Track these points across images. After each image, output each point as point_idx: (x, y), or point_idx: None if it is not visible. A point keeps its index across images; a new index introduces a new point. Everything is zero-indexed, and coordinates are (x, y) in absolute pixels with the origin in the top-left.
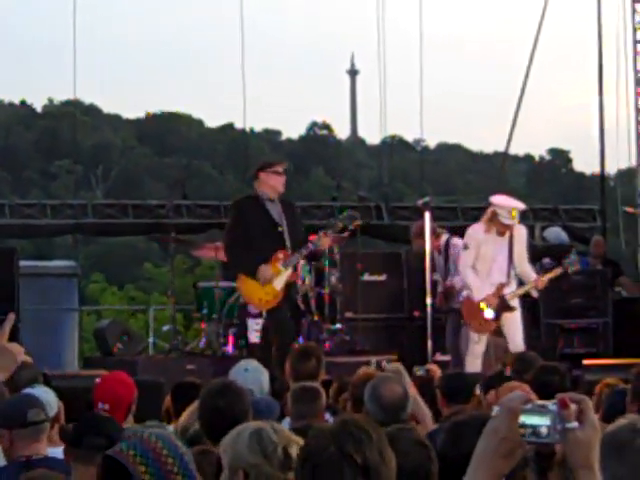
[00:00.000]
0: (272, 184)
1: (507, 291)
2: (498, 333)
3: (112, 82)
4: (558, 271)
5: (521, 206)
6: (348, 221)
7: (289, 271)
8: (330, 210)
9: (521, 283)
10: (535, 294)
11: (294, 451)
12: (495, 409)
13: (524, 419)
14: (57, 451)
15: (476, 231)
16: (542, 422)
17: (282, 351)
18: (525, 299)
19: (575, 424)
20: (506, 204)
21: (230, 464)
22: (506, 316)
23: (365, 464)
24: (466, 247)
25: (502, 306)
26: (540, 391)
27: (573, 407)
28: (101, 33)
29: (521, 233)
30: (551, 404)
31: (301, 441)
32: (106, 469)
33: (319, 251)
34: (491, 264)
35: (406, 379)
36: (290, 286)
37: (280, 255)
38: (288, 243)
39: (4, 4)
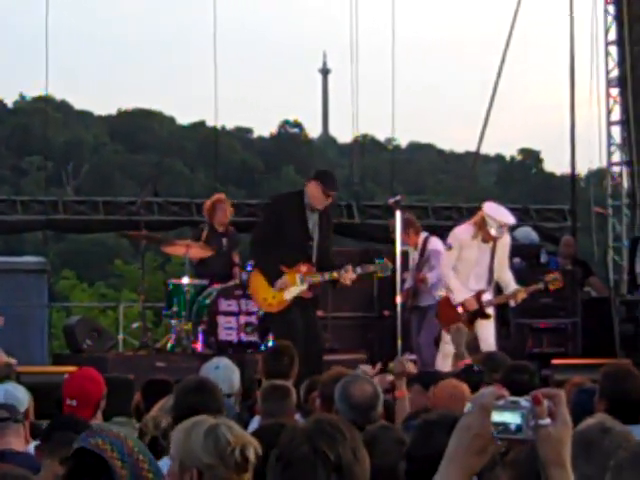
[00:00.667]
0: (315, 200)
1: (485, 298)
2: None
3: (84, 79)
4: (539, 287)
5: (511, 221)
6: (382, 270)
7: (304, 286)
8: None
9: (498, 289)
10: (512, 304)
11: (251, 452)
12: (467, 405)
13: (496, 415)
14: (29, 448)
15: (462, 233)
16: (514, 419)
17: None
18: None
19: (548, 420)
20: (497, 217)
21: (182, 461)
22: (480, 322)
23: (338, 462)
24: (450, 247)
25: (478, 313)
26: (509, 389)
27: (546, 403)
28: (74, 29)
29: (505, 241)
30: (524, 400)
31: (256, 442)
32: (80, 462)
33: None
34: (471, 269)
35: None
36: (303, 301)
37: (304, 268)
38: (314, 258)
39: None
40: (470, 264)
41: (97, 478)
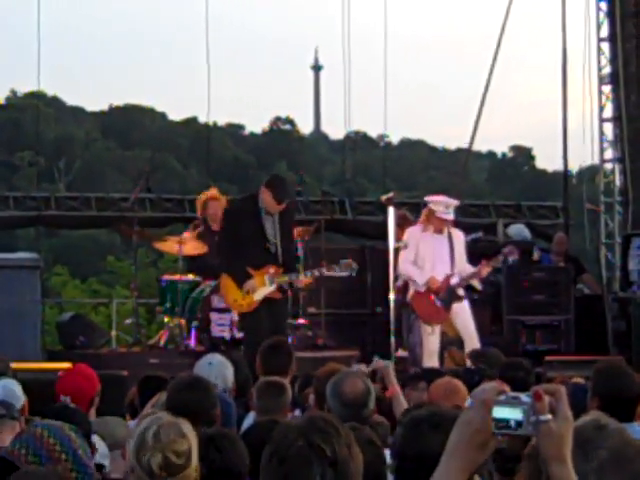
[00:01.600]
0: (269, 207)
1: (452, 282)
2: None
3: (76, 74)
4: (498, 260)
5: (455, 202)
6: (344, 269)
7: (273, 287)
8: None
9: (462, 278)
10: (479, 286)
11: (174, 459)
12: (468, 401)
13: (497, 411)
14: None
15: (414, 230)
16: (515, 414)
17: (249, 351)
18: (486, 295)
19: (548, 416)
20: (441, 200)
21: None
22: (455, 307)
23: (334, 457)
24: (406, 246)
25: (451, 296)
26: None
27: (547, 399)
28: (66, 25)
29: (459, 235)
30: (524, 396)
31: (189, 448)
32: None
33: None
34: (433, 259)
35: None
36: (271, 301)
37: (271, 270)
38: (280, 259)
39: None
40: (429, 255)
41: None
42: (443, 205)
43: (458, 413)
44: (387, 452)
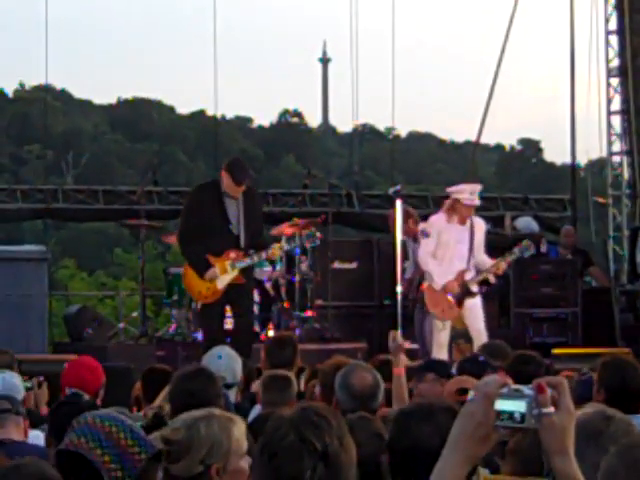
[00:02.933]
0: (230, 190)
1: (468, 277)
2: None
3: (84, 67)
4: (515, 256)
5: (478, 186)
6: (309, 240)
7: (235, 273)
8: (301, 197)
9: (478, 272)
10: (493, 280)
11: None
12: (471, 393)
13: (500, 404)
14: (33, 435)
15: (437, 219)
16: (518, 407)
17: (207, 345)
18: (494, 288)
19: (551, 409)
20: (464, 187)
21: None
22: (467, 303)
23: (325, 450)
24: (427, 235)
25: (464, 292)
26: (516, 380)
27: (549, 392)
28: (74, 18)
29: (480, 224)
30: (527, 388)
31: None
32: (62, 465)
33: (269, 258)
34: (452, 251)
35: None
36: (234, 287)
37: (232, 254)
38: (242, 243)
39: None
40: (450, 247)
41: (83, 475)
42: (468, 192)
43: (448, 404)
44: None
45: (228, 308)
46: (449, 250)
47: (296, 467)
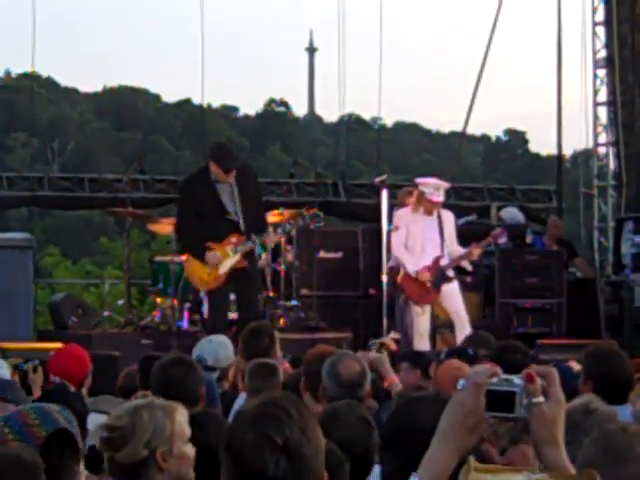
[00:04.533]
0: (221, 178)
1: (442, 263)
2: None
3: (70, 55)
4: (488, 241)
5: (445, 185)
6: (312, 219)
7: (237, 257)
8: (287, 187)
9: (453, 259)
10: (469, 267)
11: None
12: (461, 382)
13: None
14: None
15: (404, 212)
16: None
17: (211, 331)
18: (479, 278)
19: (541, 399)
20: (430, 182)
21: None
22: (445, 289)
23: (286, 443)
24: (396, 228)
25: (440, 277)
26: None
27: (539, 381)
28: (60, 6)
29: (448, 216)
30: (517, 378)
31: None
32: None
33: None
34: (423, 240)
35: None
36: (239, 272)
37: (233, 239)
38: (242, 227)
39: None
40: (420, 236)
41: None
42: (433, 187)
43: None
44: None
45: None
46: (419, 239)
47: (259, 463)
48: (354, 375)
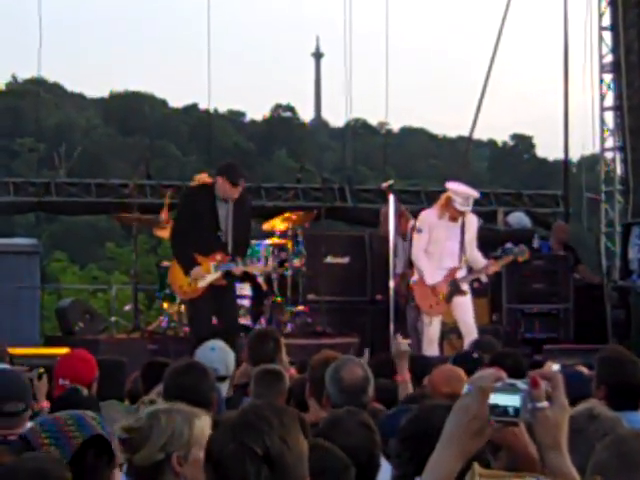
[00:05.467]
0: (228, 193)
1: (459, 275)
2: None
3: (77, 61)
4: (508, 259)
5: (476, 194)
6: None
7: (218, 275)
8: (294, 192)
9: (470, 269)
10: (484, 278)
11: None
12: (466, 387)
13: (494, 398)
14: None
15: (429, 215)
16: (513, 401)
17: (193, 341)
18: (486, 284)
19: (545, 403)
20: (462, 191)
21: None
22: (456, 299)
23: (267, 453)
24: (419, 230)
25: (454, 289)
26: None
27: (544, 386)
28: (67, 11)
29: (472, 221)
30: (521, 383)
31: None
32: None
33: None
34: (443, 248)
35: None
36: (217, 289)
37: (218, 257)
38: (230, 247)
39: None
40: (441, 244)
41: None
42: (463, 197)
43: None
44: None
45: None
46: (439, 247)
47: (240, 473)
48: (357, 381)
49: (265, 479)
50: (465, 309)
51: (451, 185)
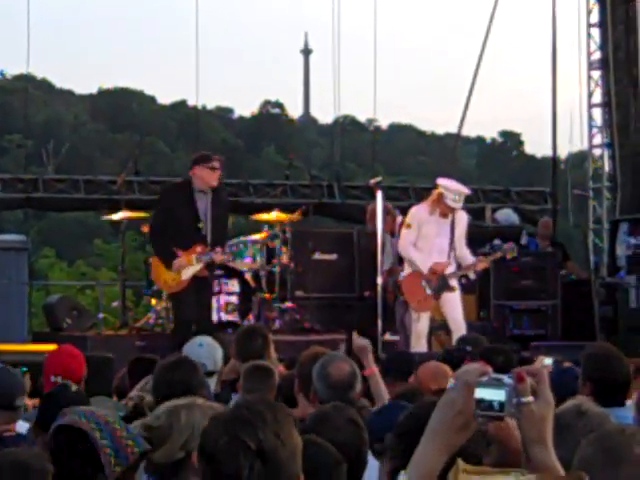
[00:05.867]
0: (206, 180)
1: (447, 271)
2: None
3: (65, 57)
4: (497, 255)
5: (466, 191)
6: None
7: (200, 266)
8: (282, 188)
9: (458, 265)
10: (472, 275)
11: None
12: (451, 382)
13: (479, 392)
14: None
15: (419, 211)
16: (498, 396)
17: (178, 332)
18: (474, 280)
19: (530, 398)
20: (453, 187)
21: None
22: (445, 295)
23: (260, 448)
24: (408, 226)
25: (443, 285)
26: None
27: (529, 381)
28: (56, 8)
29: (462, 218)
30: (507, 377)
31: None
32: (61, 439)
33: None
34: (432, 244)
35: None
36: (198, 281)
37: (198, 249)
38: (209, 239)
39: None
40: (430, 240)
41: (79, 451)
42: (454, 193)
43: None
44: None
45: (214, 300)
46: (428, 243)
47: (233, 468)
48: (344, 376)
49: (258, 474)
50: (454, 305)
51: (442, 181)
